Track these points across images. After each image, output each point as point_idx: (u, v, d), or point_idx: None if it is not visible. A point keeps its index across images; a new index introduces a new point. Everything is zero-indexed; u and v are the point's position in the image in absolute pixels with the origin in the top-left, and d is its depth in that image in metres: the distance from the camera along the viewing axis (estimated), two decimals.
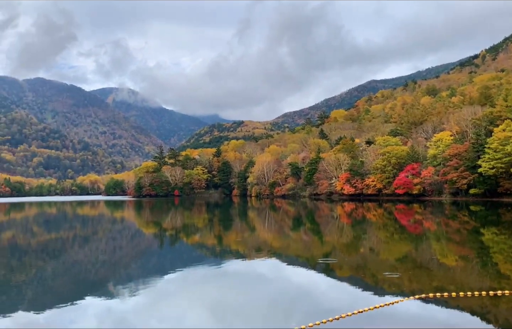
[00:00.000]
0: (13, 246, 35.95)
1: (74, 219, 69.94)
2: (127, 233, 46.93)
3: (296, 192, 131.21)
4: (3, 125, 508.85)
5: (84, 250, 33.15)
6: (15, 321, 14.13)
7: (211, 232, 43.89)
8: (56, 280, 21.19)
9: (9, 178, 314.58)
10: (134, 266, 25.52)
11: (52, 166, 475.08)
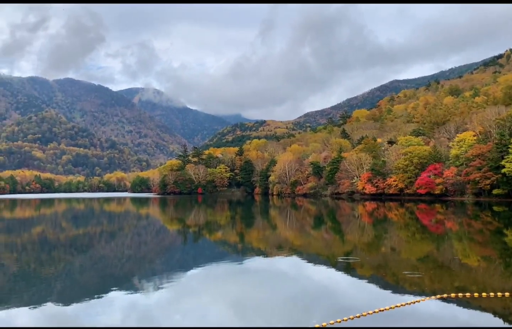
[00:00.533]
0: (43, 240, 36.78)
1: (101, 215, 71.08)
2: (151, 229, 47.49)
3: (317, 191, 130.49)
4: (34, 124, 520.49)
5: (110, 245, 33.69)
6: (44, 313, 14.46)
7: (233, 229, 44.06)
8: (83, 274, 21.59)
9: (39, 175, 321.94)
10: (158, 261, 25.82)
11: (81, 163, 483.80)
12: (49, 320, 13.84)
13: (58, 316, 14.14)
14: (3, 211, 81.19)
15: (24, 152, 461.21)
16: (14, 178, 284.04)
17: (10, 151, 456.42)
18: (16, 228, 49.15)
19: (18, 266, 23.92)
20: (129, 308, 15.08)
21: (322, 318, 12.63)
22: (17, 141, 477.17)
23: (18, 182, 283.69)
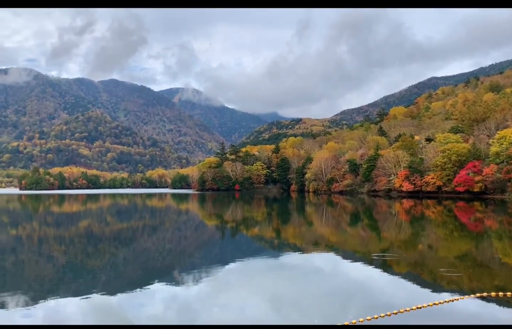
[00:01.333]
0: (89, 234, 38.00)
1: (143, 210, 72.72)
2: (191, 224, 48.22)
3: (354, 188, 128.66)
4: (81, 123, 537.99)
5: (152, 239, 34.44)
6: (91, 303, 14.95)
7: (269, 225, 44.13)
8: (127, 266, 22.18)
9: (86, 172, 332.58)
10: (197, 255, 26.20)
11: (124, 160, 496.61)
12: (95, 310, 14.30)
13: (103, 307, 14.58)
14: (52, 206, 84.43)
15: (72, 150, 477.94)
16: (62, 174, 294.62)
17: (58, 149, 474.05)
18: (64, 222, 51.02)
19: (66, 258, 24.84)
20: (170, 299, 15.38)
21: (358, 314, 12.48)
22: (65, 140, 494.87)
23: (66, 178, 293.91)
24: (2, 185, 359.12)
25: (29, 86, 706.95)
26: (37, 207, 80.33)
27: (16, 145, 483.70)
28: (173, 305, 14.70)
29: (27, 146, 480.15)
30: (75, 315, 13.51)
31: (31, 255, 25.89)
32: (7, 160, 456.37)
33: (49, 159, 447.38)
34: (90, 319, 13.33)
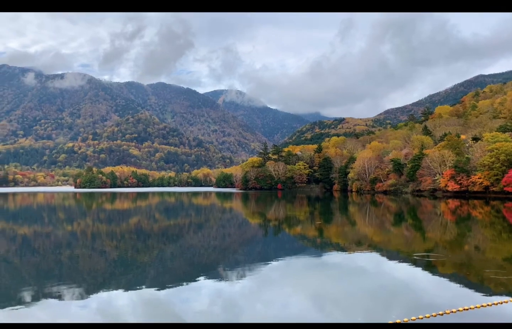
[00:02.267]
0: (139, 230, 39.14)
1: (189, 207, 74.04)
2: (234, 222, 48.64)
3: (398, 188, 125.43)
4: (131, 125, 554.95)
5: (197, 235, 35.03)
6: (140, 296, 15.41)
7: (312, 224, 43.79)
8: (174, 262, 22.67)
9: (136, 171, 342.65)
10: (241, 252, 26.40)
11: (171, 160, 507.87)
12: (144, 303, 14.72)
13: (152, 300, 14.99)
14: (105, 203, 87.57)
15: (123, 150, 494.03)
16: (114, 173, 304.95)
17: (110, 150, 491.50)
18: (116, 219, 52.80)
19: (117, 253, 25.71)
20: (215, 295, 15.60)
21: (401, 313, 12.18)
22: (117, 141, 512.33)
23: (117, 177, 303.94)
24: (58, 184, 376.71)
25: (83, 90, 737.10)
26: (91, 204, 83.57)
27: (72, 146, 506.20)
28: (218, 301, 14.89)
29: (81, 147, 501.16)
30: (126, 308, 13.96)
31: (85, 249, 26.98)
32: (63, 160, 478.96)
33: (101, 159, 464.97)
34: (139, 312, 13.74)
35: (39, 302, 14.26)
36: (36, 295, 15.09)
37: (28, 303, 14.14)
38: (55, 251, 26.40)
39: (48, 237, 33.40)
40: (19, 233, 36.55)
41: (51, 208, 74.45)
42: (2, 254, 24.92)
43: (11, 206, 78.67)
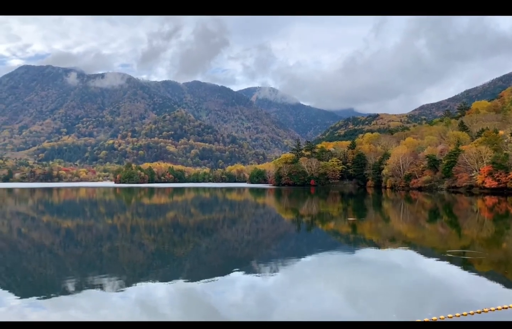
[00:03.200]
0: (175, 224, 39.83)
1: (223, 203, 74.69)
2: (268, 217, 48.71)
3: (433, 185, 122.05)
4: (168, 123, 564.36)
5: (231, 230, 35.31)
6: (177, 288, 15.69)
7: (345, 220, 43.28)
8: (209, 255, 22.95)
9: (172, 167, 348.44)
10: (274, 247, 26.43)
11: (206, 156, 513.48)
12: (180, 295, 14.98)
13: (188, 292, 15.23)
14: (143, 198, 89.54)
15: (160, 147, 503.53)
16: (152, 169, 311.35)
17: (148, 146, 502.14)
18: (153, 213, 53.92)
19: (155, 246, 26.26)
20: (249, 288, 15.69)
21: (437, 311, 11.88)
22: (154, 138, 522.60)
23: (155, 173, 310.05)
24: (99, 179, 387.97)
25: (123, 89, 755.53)
26: (130, 199, 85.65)
27: (112, 143, 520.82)
28: (252, 294, 14.98)
29: (121, 144, 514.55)
30: (163, 300, 14.25)
31: (125, 242, 27.70)
32: (104, 156, 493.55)
33: (140, 155, 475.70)
34: (176, 303, 14.00)
35: (82, 292, 14.76)
36: (79, 286, 15.63)
37: (71, 293, 14.67)
38: (96, 243, 27.24)
39: (90, 230, 34.51)
40: (63, 226, 37.94)
41: (92, 202, 76.81)
42: (47, 246, 25.94)
43: (56, 200, 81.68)
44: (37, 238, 29.76)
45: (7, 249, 24.92)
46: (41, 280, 17.17)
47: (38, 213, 53.35)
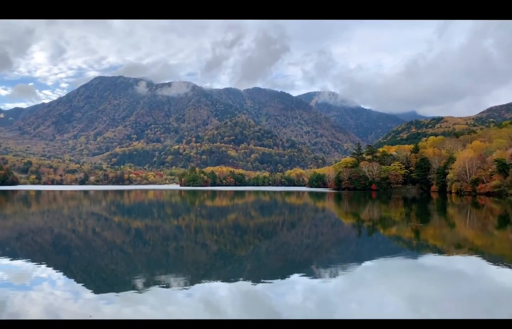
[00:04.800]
0: (236, 226, 40.40)
1: (283, 206, 74.69)
2: (327, 221, 48.06)
3: (502, 190, 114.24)
4: (229, 128, 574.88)
5: (291, 233, 35.23)
6: (239, 288, 15.91)
7: (408, 225, 41.66)
8: (269, 257, 23.06)
9: (233, 171, 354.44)
10: (334, 251, 26.03)
11: (266, 160, 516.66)
12: (241, 295, 15.17)
13: (249, 293, 15.40)
14: (206, 200, 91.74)
15: (221, 152, 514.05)
16: (214, 173, 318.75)
17: (211, 151, 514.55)
18: (216, 215, 55.07)
19: (217, 246, 26.82)
20: (309, 291, 15.57)
21: None
22: (216, 143, 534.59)
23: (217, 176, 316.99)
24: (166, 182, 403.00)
25: (187, 97, 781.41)
26: (194, 201, 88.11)
27: (177, 148, 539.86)
28: (312, 297, 14.85)
29: (185, 149, 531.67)
30: (226, 299, 14.52)
31: (189, 242, 28.54)
32: (170, 160, 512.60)
33: (203, 160, 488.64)
34: (238, 303, 14.20)
35: (150, 289, 15.40)
36: (147, 283, 16.32)
37: (140, 290, 15.36)
38: (163, 242, 28.32)
39: (157, 230, 35.93)
40: (133, 226, 39.81)
41: (159, 203, 79.90)
42: (119, 245, 27.35)
43: (126, 202, 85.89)
44: (109, 237, 31.46)
45: (83, 247, 26.60)
46: (113, 276, 18.13)
47: (110, 213, 56.41)
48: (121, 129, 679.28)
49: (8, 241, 28.60)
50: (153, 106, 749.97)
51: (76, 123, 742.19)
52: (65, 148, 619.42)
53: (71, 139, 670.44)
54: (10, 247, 25.76)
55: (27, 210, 61.93)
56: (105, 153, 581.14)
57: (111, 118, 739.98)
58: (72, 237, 31.58)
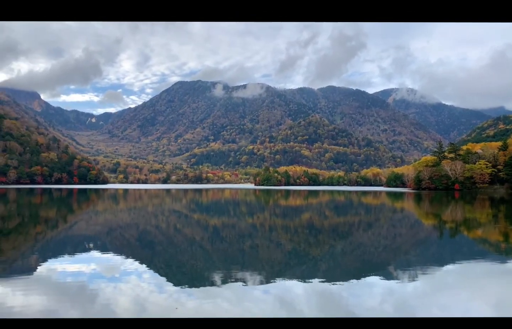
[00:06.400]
0: (310, 225, 40.14)
1: (358, 206, 72.84)
2: (406, 222, 46.03)
3: None
4: (302, 128, 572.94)
5: (367, 233, 34.24)
6: (313, 288, 15.81)
7: (495, 227, 38.62)
8: (344, 258, 22.63)
9: (307, 170, 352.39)
10: (413, 253, 24.88)
11: (340, 160, 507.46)
12: (317, 294, 15.05)
13: (325, 292, 15.23)
14: (280, 199, 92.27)
15: (295, 152, 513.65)
16: (287, 172, 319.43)
17: (284, 151, 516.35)
18: (290, 214, 55.15)
19: (291, 245, 26.85)
20: (387, 293, 15.05)
21: None
22: (290, 143, 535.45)
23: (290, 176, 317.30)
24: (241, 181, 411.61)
25: (261, 98, 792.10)
26: (268, 200, 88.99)
27: (252, 149, 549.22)
28: (390, 299, 14.34)
29: (259, 149, 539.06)
30: (301, 297, 14.50)
31: (264, 240, 28.88)
32: (245, 161, 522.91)
33: (277, 159, 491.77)
34: (313, 302, 14.11)
35: (227, 285, 15.82)
36: (224, 278, 16.80)
37: (218, 285, 15.84)
38: (238, 240, 28.96)
39: (233, 228, 36.82)
40: (211, 223, 41.18)
41: (235, 202, 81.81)
42: (197, 241, 28.43)
43: (204, 200, 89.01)
44: (189, 233, 32.83)
45: (166, 242, 28.04)
46: (193, 271, 18.89)
47: (190, 211, 58.83)
48: (199, 131, 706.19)
49: (100, 235, 31.00)
50: (228, 108, 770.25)
51: (159, 126, 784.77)
52: (149, 150, 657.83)
53: (154, 141, 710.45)
54: (101, 241, 27.90)
55: (116, 207, 66.61)
56: (185, 154, 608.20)
57: (190, 121, 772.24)
58: (155, 232, 33.44)
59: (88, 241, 27.95)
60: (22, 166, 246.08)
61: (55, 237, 29.81)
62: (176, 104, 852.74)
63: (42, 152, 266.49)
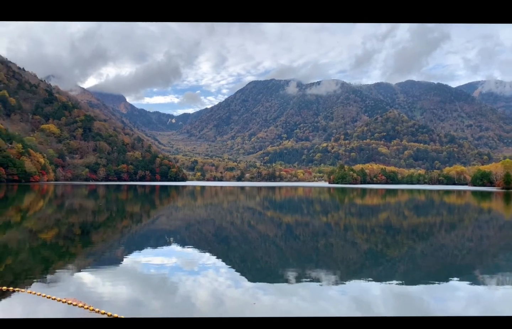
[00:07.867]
0: (388, 225, 38.75)
1: (440, 206, 68.94)
2: (494, 224, 42.69)
3: None
4: (380, 124, 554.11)
5: (450, 235, 32.31)
6: (390, 290, 15.25)
7: None
8: (424, 259, 21.55)
9: (384, 168, 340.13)
10: (501, 257, 23.02)
11: (421, 157, 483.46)
12: (395, 296, 14.51)
13: (403, 294, 14.64)
14: (355, 198, 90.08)
15: (371, 149, 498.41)
16: (364, 170, 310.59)
17: (360, 148, 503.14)
18: (366, 213, 53.64)
19: (367, 245, 26.13)
20: (473, 298, 14.11)
21: None
22: (366, 140, 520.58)
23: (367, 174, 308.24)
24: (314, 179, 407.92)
25: (336, 94, 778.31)
26: (343, 199, 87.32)
27: (325, 146, 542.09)
28: (476, 305, 13.43)
29: (334, 147, 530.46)
30: (378, 299, 14.07)
31: (338, 239, 28.42)
32: (319, 158, 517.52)
33: (352, 157, 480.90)
34: (391, 304, 13.64)
35: (302, 283, 15.80)
36: (299, 276, 16.79)
37: (292, 283, 15.88)
38: (312, 238, 28.78)
39: (307, 226, 36.66)
40: (284, 221, 41.35)
41: (309, 200, 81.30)
42: (271, 238, 28.71)
43: (278, 198, 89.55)
44: (263, 230, 33.25)
45: (240, 238, 28.66)
46: (267, 268, 19.12)
47: (263, 208, 59.54)
48: (272, 129, 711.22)
49: (179, 230, 32.51)
50: (302, 106, 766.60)
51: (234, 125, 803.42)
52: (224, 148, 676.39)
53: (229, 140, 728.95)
54: (180, 236, 29.24)
55: (194, 203, 69.36)
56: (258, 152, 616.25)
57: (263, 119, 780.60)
58: (230, 228, 34.33)
59: (169, 235, 29.44)
60: (110, 164, 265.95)
61: (140, 231, 31.78)
62: (250, 103, 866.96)
63: (128, 152, 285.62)
